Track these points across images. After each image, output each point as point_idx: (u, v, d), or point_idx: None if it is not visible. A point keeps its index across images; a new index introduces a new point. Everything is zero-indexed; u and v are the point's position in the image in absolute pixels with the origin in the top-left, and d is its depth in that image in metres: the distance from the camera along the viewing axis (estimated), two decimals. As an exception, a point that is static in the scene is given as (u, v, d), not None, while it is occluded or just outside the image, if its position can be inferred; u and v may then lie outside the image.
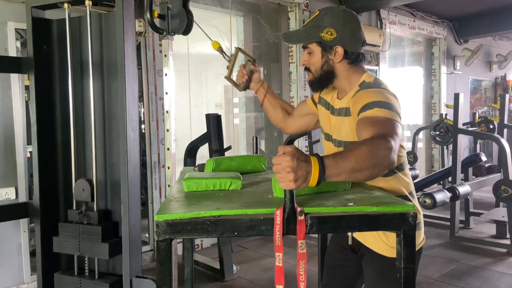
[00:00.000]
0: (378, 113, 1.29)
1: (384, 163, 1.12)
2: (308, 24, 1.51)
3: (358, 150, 1.09)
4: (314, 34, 1.47)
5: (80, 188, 2.32)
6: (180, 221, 1.00)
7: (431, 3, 6.12)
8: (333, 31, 1.45)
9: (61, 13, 2.41)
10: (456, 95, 4.34)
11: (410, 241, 1.04)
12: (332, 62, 1.49)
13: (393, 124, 1.25)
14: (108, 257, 2.26)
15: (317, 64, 1.51)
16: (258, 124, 5.26)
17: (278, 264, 1.05)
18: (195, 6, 4.22)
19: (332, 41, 1.45)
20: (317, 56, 1.49)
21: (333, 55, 1.47)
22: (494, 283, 3.32)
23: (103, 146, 2.39)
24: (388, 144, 1.14)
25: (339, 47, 1.46)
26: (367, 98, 1.35)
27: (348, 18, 1.49)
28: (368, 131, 1.23)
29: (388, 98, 1.35)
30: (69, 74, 2.35)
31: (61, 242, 2.34)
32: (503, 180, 4.04)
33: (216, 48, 1.80)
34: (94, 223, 2.30)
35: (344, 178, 1.08)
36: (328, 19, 1.46)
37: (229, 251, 3.49)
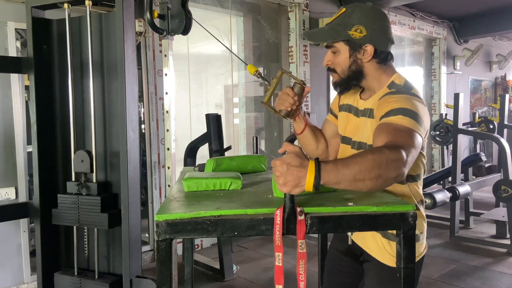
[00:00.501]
0: (400, 121, 1.21)
1: (391, 175, 1.06)
2: (334, 21, 1.41)
3: (362, 158, 1.04)
4: (342, 32, 1.37)
5: (79, 159, 2.31)
6: (180, 221, 1.00)
7: (431, 3, 6.11)
8: (363, 28, 1.36)
9: (61, 13, 2.42)
10: (456, 95, 4.34)
11: (410, 240, 1.04)
12: (361, 62, 1.39)
13: (412, 135, 1.17)
14: (107, 227, 2.25)
15: (344, 64, 1.41)
16: (258, 124, 5.25)
17: (278, 264, 1.05)
18: (195, 6, 4.22)
19: (361, 39, 1.36)
20: (344, 56, 1.40)
21: (362, 54, 1.38)
22: (494, 283, 3.32)
23: (103, 146, 2.39)
24: (399, 156, 1.07)
25: (369, 45, 1.37)
26: (393, 103, 1.27)
27: (378, 15, 1.40)
28: (383, 138, 1.16)
29: (416, 107, 1.26)
30: (69, 74, 2.35)
31: (60, 214, 2.33)
32: (503, 180, 4.04)
33: (253, 73, 1.61)
34: (93, 194, 2.29)
35: (344, 186, 1.04)
36: (357, 16, 1.37)
37: (229, 251, 3.49)
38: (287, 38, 5.05)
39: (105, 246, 2.42)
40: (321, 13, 5.09)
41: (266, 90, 1.59)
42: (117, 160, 2.31)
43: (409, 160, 1.10)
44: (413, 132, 1.18)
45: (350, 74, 1.41)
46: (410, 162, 1.10)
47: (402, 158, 1.07)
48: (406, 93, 1.33)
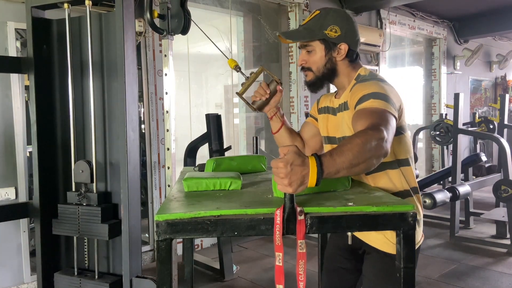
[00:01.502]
0: (373, 104, 1.29)
1: (378, 153, 1.12)
2: (309, 22, 1.50)
3: (352, 144, 1.09)
4: (318, 32, 1.46)
5: (79, 169, 2.31)
6: (180, 221, 1.00)
7: (431, 3, 6.12)
8: (338, 28, 1.46)
9: (61, 13, 2.42)
10: (456, 95, 4.34)
11: (409, 240, 1.04)
12: (335, 60, 1.49)
13: (386, 115, 1.25)
14: (108, 238, 2.25)
15: (319, 63, 1.50)
16: (258, 124, 5.25)
17: (278, 264, 1.05)
18: (195, 6, 4.22)
19: (336, 38, 1.46)
20: (320, 54, 1.49)
21: (336, 52, 1.48)
22: (494, 283, 3.32)
23: (103, 146, 2.39)
24: (381, 134, 1.14)
25: (344, 44, 1.47)
26: (363, 90, 1.36)
27: (349, 17, 1.51)
28: (362, 122, 1.23)
29: (384, 89, 1.35)
30: (69, 74, 2.35)
31: (61, 224, 2.33)
32: (503, 180, 4.04)
33: (232, 67, 1.70)
34: (93, 204, 2.30)
35: (343, 174, 1.08)
36: (332, 17, 1.47)
37: (229, 251, 3.49)
38: (287, 38, 5.04)
39: (105, 246, 2.42)
40: (321, 13, 5.08)
41: (243, 83, 1.65)
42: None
43: (390, 137, 1.19)
44: (386, 112, 1.27)
45: (324, 72, 1.51)
46: (390, 139, 1.20)
47: (383, 136, 1.15)
48: (372, 79, 1.42)
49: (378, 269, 1.48)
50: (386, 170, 1.43)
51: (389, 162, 1.43)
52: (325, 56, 1.48)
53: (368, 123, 1.21)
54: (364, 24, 5.71)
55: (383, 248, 1.44)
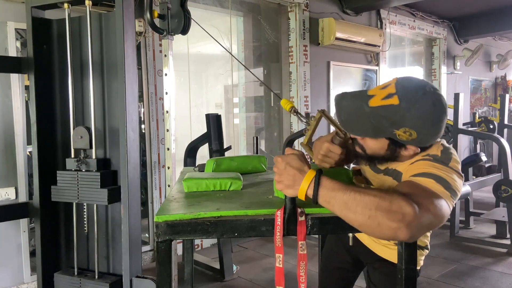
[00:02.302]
0: (430, 185, 1.04)
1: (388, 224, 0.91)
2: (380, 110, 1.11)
3: (364, 191, 0.95)
4: (387, 130, 1.12)
5: (79, 135, 2.31)
6: (180, 221, 1.00)
7: (431, 3, 6.11)
8: (414, 133, 1.10)
9: (61, 13, 2.41)
10: (456, 95, 4.34)
11: (411, 242, 1.04)
12: (398, 153, 1.20)
13: (438, 201, 0.99)
14: (107, 203, 2.25)
15: (377, 151, 1.20)
16: (258, 124, 5.25)
17: (279, 265, 1.05)
18: (195, 6, 4.22)
19: (408, 141, 1.14)
20: (381, 146, 1.19)
21: (403, 150, 1.18)
22: (494, 283, 3.32)
23: (103, 146, 2.39)
24: (408, 210, 0.91)
25: (413, 147, 1.17)
26: (428, 168, 1.09)
27: (437, 116, 1.12)
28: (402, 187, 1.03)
29: (454, 181, 1.07)
30: (69, 74, 2.35)
31: (60, 190, 2.33)
32: (503, 180, 4.04)
33: (288, 109, 1.42)
34: (92, 170, 2.29)
35: (333, 209, 0.96)
36: (412, 117, 1.09)
37: (229, 251, 3.49)
38: (287, 38, 5.05)
39: (105, 246, 2.42)
40: (321, 13, 5.08)
41: (305, 131, 1.37)
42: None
43: (422, 223, 0.93)
44: (440, 199, 1.00)
45: (379, 158, 1.23)
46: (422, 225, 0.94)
47: (410, 213, 0.91)
48: (446, 164, 1.12)
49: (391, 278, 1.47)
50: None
51: None
52: (387, 150, 1.19)
53: (406, 191, 0.98)
54: (364, 24, 5.71)
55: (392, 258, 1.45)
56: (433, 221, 0.96)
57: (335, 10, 5.26)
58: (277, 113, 5.24)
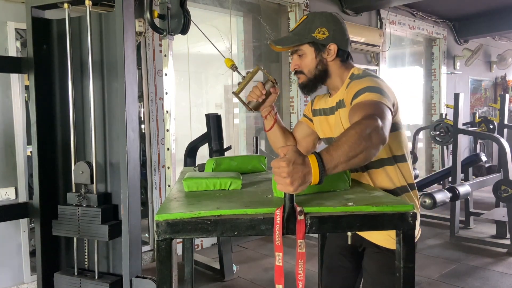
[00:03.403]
0: (368, 97, 1.31)
1: (375, 141, 1.11)
2: (297, 28, 1.53)
3: (348, 137, 1.09)
4: (307, 35, 1.49)
5: (79, 170, 2.31)
6: (180, 220, 1.00)
7: (431, 3, 6.12)
8: (325, 30, 1.49)
9: (61, 13, 2.42)
10: (456, 95, 4.34)
11: (409, 240, 1.04)
12: (326, 61, 1.51)
13: (380, 106, 1.27)
14: (108, 239, 2.25)
15: (310, 65, 1.52)
16: (258, 124, 5.25)
17: (278, 263, 1.05)
18: (195, 6, 4.22)
19: (325, 39, 1.49)
20: (310, 57, 1.51)
21: (326, 53, 1.50)
22: (494, 283, 3.32)
23: (103, 147, 2.39)
24: (375, 123, 1.14)
25: (333, 44, 1.49)
26: (358, 86, 1.38)
27: (337, 18, 1.54)
28: (357, 115, 1.24)
29: (378, 83, 1.38)
30: (69, 74, 2.35)
31: (61, 225, 2.34)
32: (503, 180, 4.04)
33: (229, 66, 1.70)
34: (93, 205, 2.30)
35: (342, 168, 1.08)
36: (318, 20, 1.50)
37: (229, 251, 3.49)
38: (287, 38, 5.04)
39: (105, 246, 2.42)
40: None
41: (239, 83, 1.66)
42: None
43: (386, 125, 1.19)
44: (380, 103, 1.28)
45: (316, 74, 1.52)
46: (387, 127, 1.20)
47: (378, 124, 1.15)
48: (366, 76, 1.45)
49: (380, 264, 1.49)
50: (384, 167, 1.45)
51: (387, 158, 1.46)
52: (316, 58, 1.51)
53: (362, 114, 1.22)
54: (364, 24, 5.71)
55: (384, 244, 1.46)
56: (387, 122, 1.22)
57: (335, 10, 5.27)
58: (277, 113, 5.23)
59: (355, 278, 1.71)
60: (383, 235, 1.45)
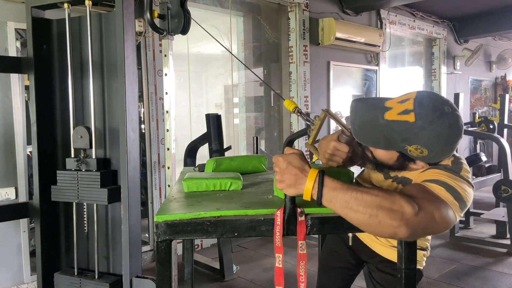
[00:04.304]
0: (439, 192, 1.04)
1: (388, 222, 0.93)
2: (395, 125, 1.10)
3: (366, 190, 0.96)
4: (399, 144, 1.12)
5: (78, 135, 2.30)
6: (180, 221, 1.00)
7: (431, 3, 6.11)
8: (425, 150, 1.10)
9: (61, 13, 2.41)
10: (456, 95, 4.34)
11: (411, 242, 1.04)
12: (407, 166, 1.21)
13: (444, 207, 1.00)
14: (107, 203, 2.25)
15: (385, 160, 1.21)
16: (258, 124, 5.25)
17: (278, 265, 1.05)
18: (195, 6, 4.22)
19: (417, 157, 1.14)
20: (391, 157, 1.19)
21: (411, 164, 1.19)
22: (494, 283, 3.32)
23: (103, 146, 2.39)
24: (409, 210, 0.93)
25: (423, 163, 1.17)
26: (439, 176, 1.10)
27: (452, 137, 1.10)
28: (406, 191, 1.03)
29: (464, 191, 1.08)
30: (69, 74, 2.35)
31: (60, 190, 2.33)
32: (503, 180, 4.04)
33: (291, 110, 1.40)
34: (92, 169, 2.29)
35: (334, 208, 0.97)
36: (425, 136, 1.08)
37: (229, 251, 3.49)
38: (287, 38, 5.05)
39: (105, 246, 2.42)
40: (321, 13, 5.08)
41: (309, 131, 1.39)
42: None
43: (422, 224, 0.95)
44: (447, 206, 1.01)
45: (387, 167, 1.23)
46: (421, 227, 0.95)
47: (410, 213, 0.93)
48: (457, 173, 1.13)
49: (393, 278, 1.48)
50: None
51: None
52: (396, 161, 1.19)
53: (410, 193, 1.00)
54: (364, 24, 5.71)
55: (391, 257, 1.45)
56: (434, 226, 0.97)
57: (335, 10, 5.26)
58: (277, 113, 5.24)
59: (351, 279, 1.71)
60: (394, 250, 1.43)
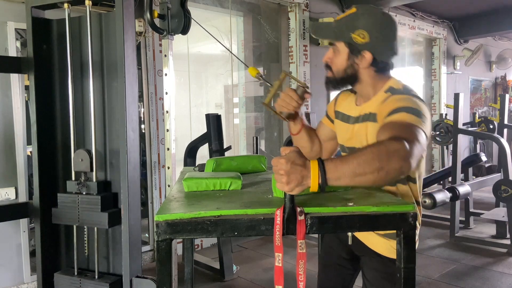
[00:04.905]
0: (404, 118, 1.20)
1: (393, 166, 1.02)
2: (342, 20, 1.38)
3: (361, 152, 1.04)
4: (345, 33, 1.35)
5: (79, 158, 2.31)
6: (180, 221, 1.00)
7: (431, 3, 6.11)
8: (366, 34, 1.32)
9: (61, 13, 2.42)
10: (456, 95, 4.33)
11: (410, 241, 1.04)
12: (357, 67, 1.38)
13: (416, 130, 1.15)
14: (107, 227, 2.25)
15: (340, 65, 1.40)
16: (258, 124, 5.25)
17: (278, 264, 1.05)
18: (195, 6, 4.22)
19: (362, 45, 1.34)
20: (343, 57, 1.38)
21: (359, 59, 1.36)
22: (494, 283, 3.32)
23: (103, 146, 2.39)
24: (401, 146, 1.04)
25: (368, 52, 1.35)
26: (396, 103, 1.26)
27: (387, 23, 1.36)
28: (385, 134, 1.14)
29: (419, 105, 1.26)
30: (69, 74, 2.35)
31: (60, 213, 2.33)
32: (503, 180, 4.04)
33: (254, 75, 1.59)
34: (93, 193, 2.29)
35: (345, 182, 1.03)
36: (364, 20, 1.33)
37: (229, 251, 3.49)
38: (287, 38, 5.05)
39: (105, 246, 2.42)
40: (321, 13, 5.08)
41: (268, 91, 1.58)
42: (117, 160, 2.31)
43: (415, 152, 1.07)
44: (416, 127, 1.17)
45: (343, 76, 1.41)
46: (415, 155, 1.07)
47: (404, 149, 1.04)
48: (408, 94, 1.33)
49: (382, 273, 1.47)
50: (396, 185, 1.39)
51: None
52: (348, 60, 1.38)
53: (392, 134, 1.12)
54: (364, 24, 5.71)
55: (386, 253, 1.44)
56: (419, 148, 1.11)
57: (335, 10, 5.26)
58: (277, 113, 5.23)
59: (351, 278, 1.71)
60: (386, 245, 1.43)
